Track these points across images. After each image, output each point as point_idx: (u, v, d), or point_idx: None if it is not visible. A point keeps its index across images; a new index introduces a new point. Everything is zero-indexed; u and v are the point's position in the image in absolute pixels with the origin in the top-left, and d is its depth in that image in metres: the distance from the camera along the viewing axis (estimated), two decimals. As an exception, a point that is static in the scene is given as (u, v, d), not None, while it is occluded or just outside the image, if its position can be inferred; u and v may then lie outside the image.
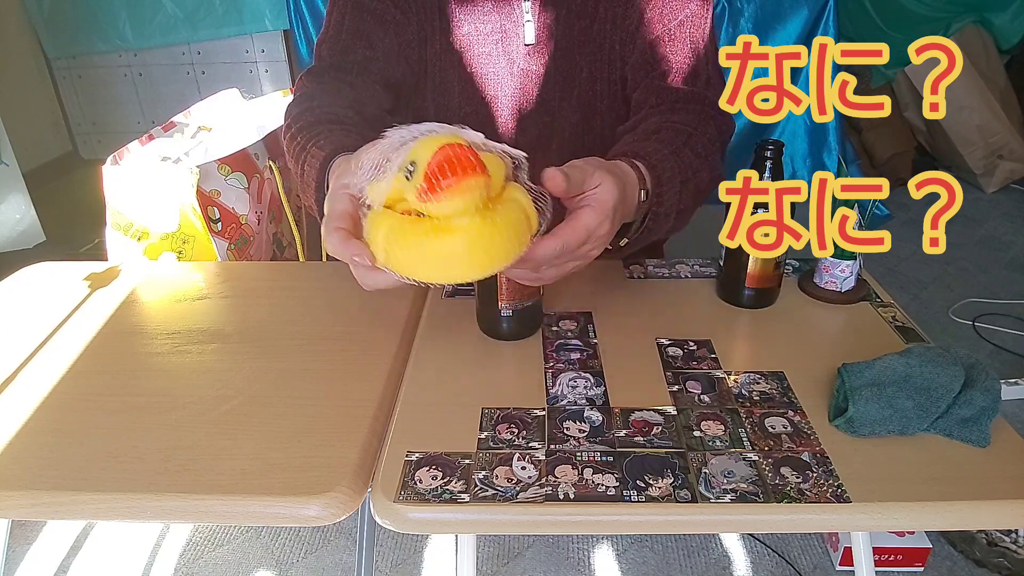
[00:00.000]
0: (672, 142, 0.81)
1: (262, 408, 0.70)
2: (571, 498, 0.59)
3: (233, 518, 0.61)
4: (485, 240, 0.53)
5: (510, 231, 0.54)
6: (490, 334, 0.83)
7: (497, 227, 0.53)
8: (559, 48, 0.98)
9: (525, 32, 0.97)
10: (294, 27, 2.94)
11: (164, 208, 1.21)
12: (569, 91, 1.01)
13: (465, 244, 0.53)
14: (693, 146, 0.83)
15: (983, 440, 0.63)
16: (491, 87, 1.01)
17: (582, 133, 1.04)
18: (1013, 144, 2.98)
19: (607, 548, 1.40)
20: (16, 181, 2.55)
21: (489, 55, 0.99)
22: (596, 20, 0.97)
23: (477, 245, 0.53)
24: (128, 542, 1.43)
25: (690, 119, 0.88)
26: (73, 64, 3.28)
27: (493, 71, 1.00)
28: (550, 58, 0.99)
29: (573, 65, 0.99)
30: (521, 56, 0.98)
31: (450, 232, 0.53)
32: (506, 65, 0.99)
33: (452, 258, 0.53)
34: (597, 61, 0.99)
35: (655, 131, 0.84)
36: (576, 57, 0.99)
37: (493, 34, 0.97)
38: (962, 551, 1.37)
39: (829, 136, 2.86)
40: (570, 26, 0.97)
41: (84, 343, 0.82)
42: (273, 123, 1.40)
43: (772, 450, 0.64)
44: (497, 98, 1.01)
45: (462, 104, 1.02)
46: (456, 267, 0.54)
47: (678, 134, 0.83)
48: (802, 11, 2.69)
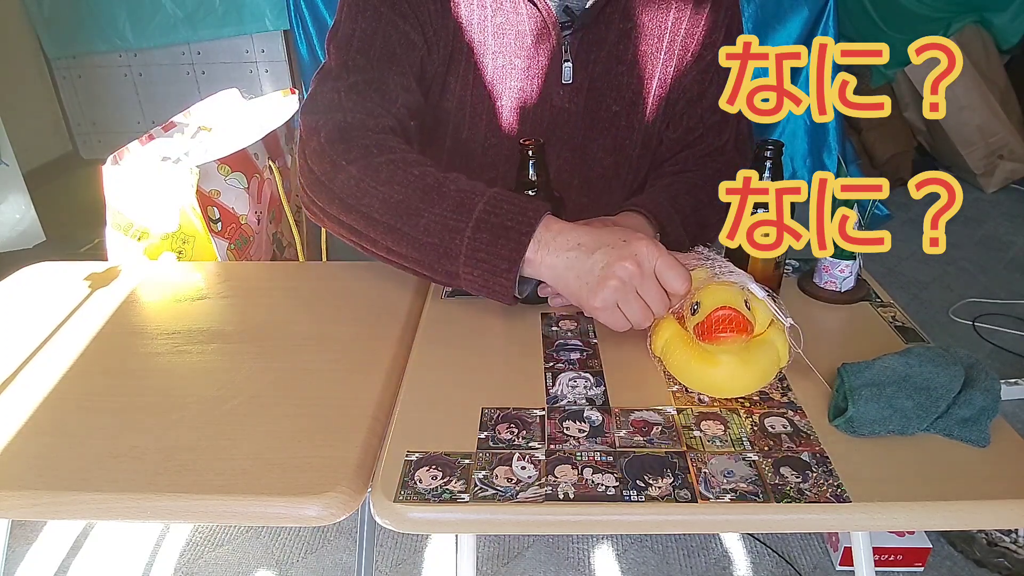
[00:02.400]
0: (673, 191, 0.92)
1: (262, 408, 0.70)
2: (571, 498, 0.59)
3: (233, 518, 0.61)
4: (737, 375, 0.69)
5: (759, 371, 0.70)
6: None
7: (748, 367, 0.69)
8: (593, 90, 0.97)
9: (564, 72, 0.95)
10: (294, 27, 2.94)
11: (164, 208, 1.21)
12: (600, 132, 0.99)
13: (722, 375, 0.69)
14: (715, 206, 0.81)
15: (983, 440, 0.63)
16: (520, 121, 0.98)
17: (608, 176, 1.03)
18: (1013, 144, 2.98)
19: (607, 548, 1.40)
20: (16, 181, 2.55)
21: (522, 90, 0.96)
22: (635, 65, 0.96)
23: (731, 377, 0.69)
24: (128, 542, 1.43)
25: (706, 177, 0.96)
26: (73, 64, 3.28)
27: (524, 106, 0.97)
28: (584, 98, 0.97)
29: (607, 108, 0.98)
30: (556, 94, 0.96)
31: (713, 364, 0.69)
32: (539, 101, 0.96)
33: (709, 380, 0.70)
34: (632, 105, 0.98)
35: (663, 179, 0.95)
36: (609, 101, 0.98)
37: (530, 70, 0.95)
38: (962, 551, 1.37)
39: (829, 136, 2.86)
40: (607, 70, 0.96)
41: (84, 343, 0.82)
42: (273, 123, 1.40)
43: (772, 450, 0.64)
44: (524, 132, 0.98)
45: (488, 136, 0.98)
46: (710, 388, 0.71)
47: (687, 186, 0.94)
48: (802, 11, 2.69)
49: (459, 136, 0.98)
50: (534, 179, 0.81)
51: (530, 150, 0.80)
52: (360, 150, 0.79)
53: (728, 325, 0.65)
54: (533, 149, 0.80)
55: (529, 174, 0.81)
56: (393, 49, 0.88)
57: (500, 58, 0.94)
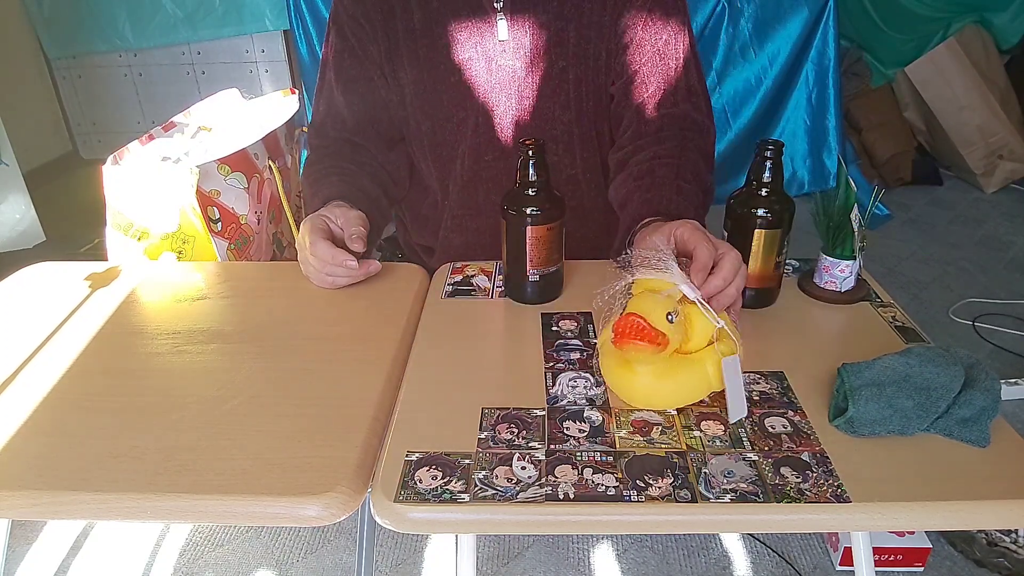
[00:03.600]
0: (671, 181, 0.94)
1: (262, 408, 0.70)
2: (571, 498, 0.59)
3: (233, 518, 0.61)
4: (652, 387, 0.69)
5: (678, 388, 0.69)
6: (516, 299, 0.90)
7: (664, 381, 0.68)
8: (536, 47, 1.01)
9: (498, 28, 1.00)
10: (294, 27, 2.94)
11: (164, 208, 1.21)
12: (554, 90, 1.04)
13: (638, 385, 0.69)
14: (683, 177, 0.94)
15: (983, 440, 0.63)
16: (476, 89, 1.04)
17: (571, 133, 1.07)
18: (1013, 144, 2.98)
19: (607, 548, 1.40)
20: (16, 181, 2.55)
21: (470, 59, 1.02)
22: (572, 22, 1.00)
23: (645, 387, 0.69)
24: (128, 542, 1.43)
25: (673, 148, 0.98)
26: (73, 64, 3.28)
27: (476, 72, 1.03)
28: (528, 56, 1.02)
29: (553, 65, 1.02)
30: (498, 52, 1.01)
31: (631, 372, 0.69)
32: (485, 64, 1.02)
33: (625, 387, 0.70)
34: (582, 65, 1.03)
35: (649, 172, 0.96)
36: (555, 58, 1.02)
37: (471, 38, 1.01)
38: (962, 551, 1.37)
39: (829, 136, 2.85)
40: (543, 25, 1.00)
41: (84, 343, 0.82)
42: (273, 123, 1.40)
43: (772, 450, 0.64)
44: (482, 98, 1.04)
45: (453, 111, 1.05)
46: (626, 394, 0.70)
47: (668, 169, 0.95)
48: (802, 11, 2.69)
49: (428, 116, 1.06)
50: (534, 179, 0.81)
51: (530, 150, 0.80)
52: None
53: (634, 333, 0.64)
54: (533, 149, 0.80)
55: (529, 174, 0.81)
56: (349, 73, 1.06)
57: (442, 37, 1.01)
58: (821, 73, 2.76)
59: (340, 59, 1.06)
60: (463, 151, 1.07)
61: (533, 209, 0.81)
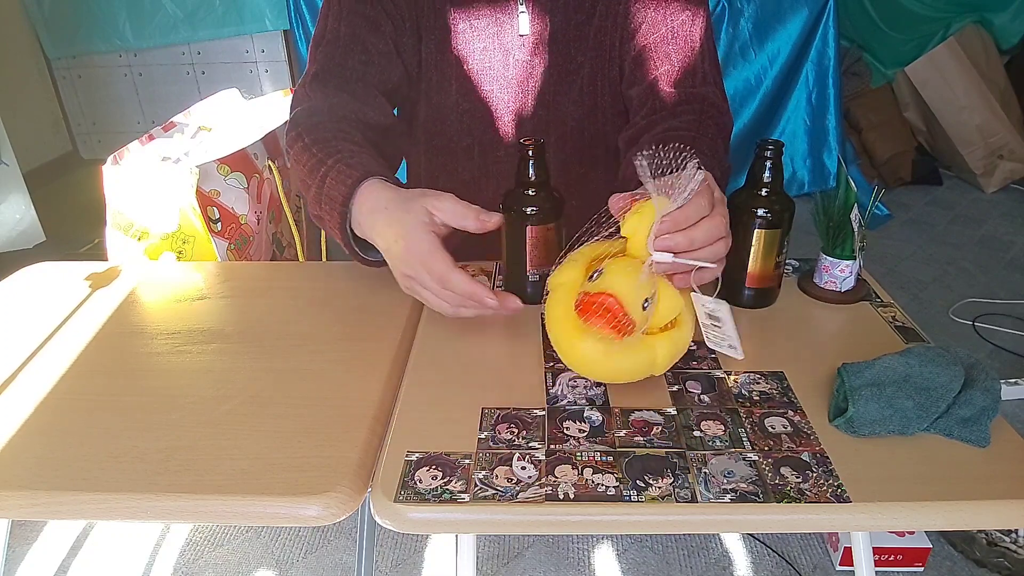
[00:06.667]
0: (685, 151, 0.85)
1: (262, 408, 0.70)
2: (571, 498, 0.59)
3: (233, 518, 0.61)
4: (596, 363, 0.67)
5: (620, 368, 0.68)
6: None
7: (609, 357, 0.67)
8: (555, 41, 0.99)
9: (519, 23, 0.98)
10: (294, 27, 2.94)
11: (164, 208, 1.21)
12: (568, 86, 1.02)
13: (582, 355, 0.68)
14: (700, 149, 0.85)
15: (983, 440, 0.63)
16: (488, 81, 1.02)
17: (582, 129, 1.05)
18: (1013, 144, 2.98)
19: (607, 548, 1.40)
20: (16, 181, 2.55)
21: (485, 49, 1.00)
22: (595, 16, 0.99)
23: (589, 361, 0.68)
24: (128, 542, 1.43)
25: (691, 121, 0.92)
26: (73, 64, 3.28)
27: (489, 65, 1.01)
28: (547, 50, 1.00)
29: (571, 60, 1.01)
30: (516, 47, 1.00)
31: (578, 339, 0.67)
32: (502, 57, 1.00)
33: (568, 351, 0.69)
34: (598, 58, 1.00)
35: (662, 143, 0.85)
36: (573, 52, 1.00)
37: (489, 27, 0.99)
38: (962, 551, 1.37)
39: (829, 136, 2.86)
40: (566, 20, 0.99)
41: (84, 343, 0.82)
42: (273, 123, 1.40)
43: (772, 450, 0.64)
44: (494, 91, 1.02)
45: (459, 101, 1.03)
46: (567, 357, 0.70)
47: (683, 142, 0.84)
48: (802, 11, 2.69)
49: (437, 103, 1.04)
50: (534, 179, 0.81)
51: (530, 149, 0.80)
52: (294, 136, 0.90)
53: (605, 316, 0.63)
54: (533, 149, 0.80)
55: (529, 174, 0.81)
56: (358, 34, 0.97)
57: (461, 22, 0.99)
58: (821, 73, 2.76)
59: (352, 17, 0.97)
60: (468, 146, 1.06)
61: (533, 209, 0.82)
